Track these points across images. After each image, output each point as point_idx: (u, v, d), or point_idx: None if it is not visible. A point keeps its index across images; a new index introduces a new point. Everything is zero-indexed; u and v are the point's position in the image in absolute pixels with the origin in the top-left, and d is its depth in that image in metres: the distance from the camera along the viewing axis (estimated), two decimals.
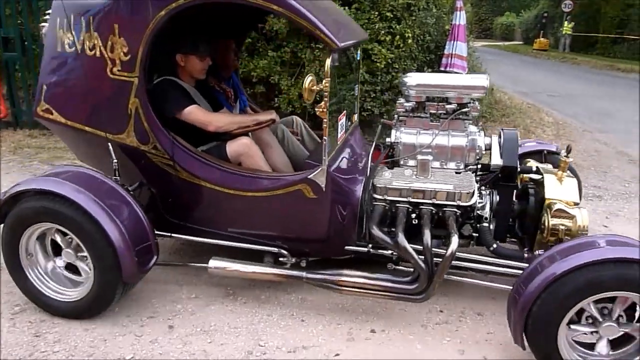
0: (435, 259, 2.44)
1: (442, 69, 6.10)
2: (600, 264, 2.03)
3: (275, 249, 2.71)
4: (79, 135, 2.77)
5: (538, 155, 3.16)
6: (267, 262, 2.71)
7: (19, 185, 2.49)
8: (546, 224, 2.54)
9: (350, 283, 2.50)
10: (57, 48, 2.71)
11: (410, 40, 5.52)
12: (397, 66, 5.56)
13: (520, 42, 27.67)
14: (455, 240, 2.38)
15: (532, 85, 11.44)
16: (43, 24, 2.92)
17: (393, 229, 2.53)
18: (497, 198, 2.76)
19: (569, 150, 2.67)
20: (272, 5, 2.28)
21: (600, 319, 2.13)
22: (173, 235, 2.81)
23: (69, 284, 2.60)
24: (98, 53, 2.53)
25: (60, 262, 2.61)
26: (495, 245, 2.61)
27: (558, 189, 2.65)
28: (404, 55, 5.62)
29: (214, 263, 2.60)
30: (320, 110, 2.32)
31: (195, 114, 2.74)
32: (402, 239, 2.40)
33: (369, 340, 2.49)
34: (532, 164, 2.91)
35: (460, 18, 5.89)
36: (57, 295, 2.57)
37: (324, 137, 2.40)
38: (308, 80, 2.22)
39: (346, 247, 2.72)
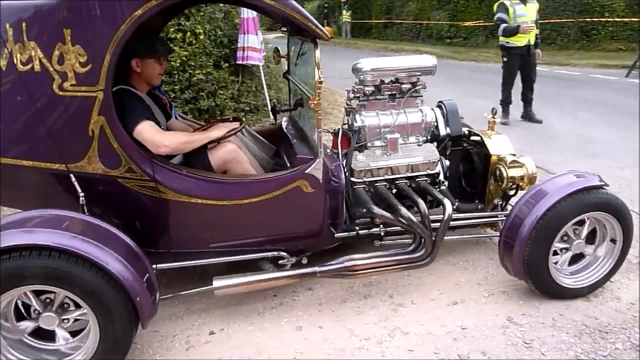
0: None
1: (238, 62, 6.17)
2: (570, 196, 2.51)
3: (272, 253, 2.61)
4: (10, 173, 2.22)
5: None
6: (267, 268, 2.60)
7: None
8: (504, 175, 2.93)
9: (364, 266, 2.57)
10: None
11: (202, 36, 5.49)
12: (192, 63, 5.47)
13: None
14: (449, 204, 2.65)
15: (324, 71, 12.36)
16: None
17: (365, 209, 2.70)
18: (447, 163, 3.07)
19: (494, 112, 3.15)
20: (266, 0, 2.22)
21: (567, 245, 2.69)
22: (158, 266, 2.45)
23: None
24: (37, 67, 2.05)
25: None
26: (456, 204, 2.93)
27: (498, 145, 3.07)
28: (198, 52, 5.57)
29: (218, 283, 2.43)
30: (315, 102, 2.37)
31: (146, 132, 2.35)
32: (405, 211, 2.58)
33: (209, 343, 2.47)
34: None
35: (249, 11, 6.01)
36: None
37: (318, 129, 2.41)
38: (317, 74, 2.33)
39: (336, 235, 2.74)
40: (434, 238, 2.62)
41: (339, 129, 2.96)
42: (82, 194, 2.23)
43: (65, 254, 1.99)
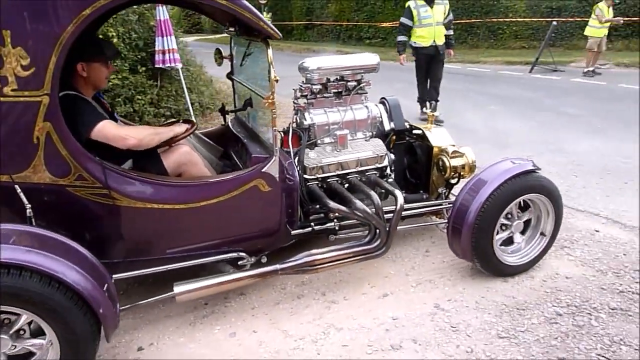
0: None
1: (157, 65, 5.96)
2: (509, 181, 2.72)
3: (231, 255, 2.58)
4: None
5: None
6: (227, 270, 2.56)
7: None
8: (447, 165, 3.11)
9: (324, 260, 2.60)
10: None
11: (115, 40, 5.22)
12: None
13: None
14: (400, 195, 2.76)
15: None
16: None
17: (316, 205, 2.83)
18: (392, 156, 3.13)
19: (434, 108, 3.18)
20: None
21: (509, 222, 2.91)
22: (113, 277, 2.28)
23: None
24: None
25: None
26: (404, 195, 2.96)
27: (439, 137, 3.26)
28: None
29: (179, 288, 2.36)
30: (270, 101, 2.38)
31: (109, 128, 2.29)
32: (360, 204, 2.64)
33: None
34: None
35: (163, 13, 5.82)
36: None
37: (274, 128, 2.44)
38: (272, 73, 2.34)
39: (293, 233, 2.75)
40: (387, 228, 2.69)
41: (288, 127, 2.97)
42: (28, 206, 2.08)
43: (16, 269, 1.86)
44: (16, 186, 2.07)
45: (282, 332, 2.52)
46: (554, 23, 11.49)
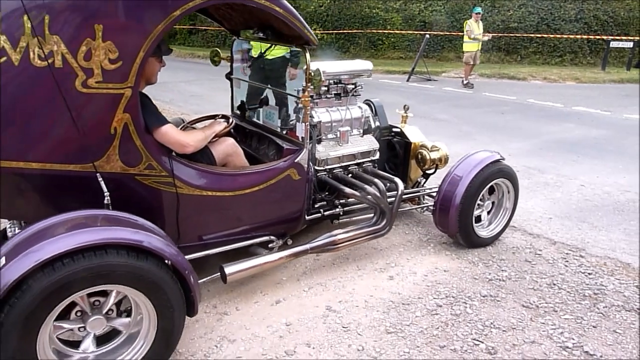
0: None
1: None
2: (484, 168, 3.29)
3: (262, 239, 2.87)
4: (13, 179, 2.07)
5: None
6: (260, 252, 2.79)
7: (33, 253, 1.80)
8: (427, 157, 3.64)
9: (344, 239, 2.94)
10: None
11: None
12: None
13: None
14: (400, 182, 3.20)
15: None
16: None
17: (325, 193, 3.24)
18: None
19: (407, 108, 3.75)
20: (274, 7, 2.43)
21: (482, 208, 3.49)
22: None
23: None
24: (59, 62, 1.96)
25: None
26: (388, 184, 3.34)
27: (415, 134, 3.77)
28: None
29: (229, 269, 2.55)
30: (306, 99, 2.75)
31: (173, 134, 2.42)
32: (370, 189, 3.04)
33: None
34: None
35: None
36: None
37: (306, 123, 2.81)
38: (321, 73, 2.77)
39: (307, 217, 3.08)
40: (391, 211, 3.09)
41: (295, 124, 3.16)
42: (107, 194, 2.16)
43: (125, 248, 1.95)
44: (97, 175, 2.15)
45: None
46: (427, 36, 12.47)
